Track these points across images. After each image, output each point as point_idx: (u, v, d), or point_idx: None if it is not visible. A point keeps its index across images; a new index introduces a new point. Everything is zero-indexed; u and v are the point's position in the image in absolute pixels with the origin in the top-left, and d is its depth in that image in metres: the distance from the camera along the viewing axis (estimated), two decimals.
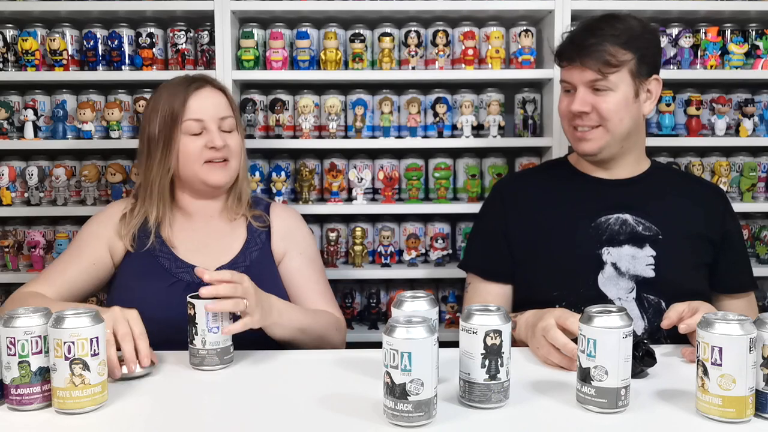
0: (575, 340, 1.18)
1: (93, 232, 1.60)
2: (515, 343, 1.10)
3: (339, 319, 1.61)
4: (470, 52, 2.25)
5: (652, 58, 1.56)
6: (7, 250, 2.24)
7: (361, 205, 2.24)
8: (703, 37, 2.29)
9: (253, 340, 1.38)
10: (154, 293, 1.50)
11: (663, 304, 1.48)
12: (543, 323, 1.28)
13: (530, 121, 2.32)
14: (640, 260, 1.52)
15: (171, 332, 1.32)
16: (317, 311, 1.56)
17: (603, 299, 1.52)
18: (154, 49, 2.24)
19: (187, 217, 1.63)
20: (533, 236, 1.59)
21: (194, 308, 1.25)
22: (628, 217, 1.56)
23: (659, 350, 1.47)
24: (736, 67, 2.26)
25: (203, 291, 1.25)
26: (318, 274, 1.66)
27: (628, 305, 1.52)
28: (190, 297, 1.26)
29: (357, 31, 2.28)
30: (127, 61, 2.25)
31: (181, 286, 1.50)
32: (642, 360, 1.20)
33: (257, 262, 1.59)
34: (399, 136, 2.32)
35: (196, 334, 1.25)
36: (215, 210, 1.64)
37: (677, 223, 1.56)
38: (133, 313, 1.27)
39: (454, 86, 2.36)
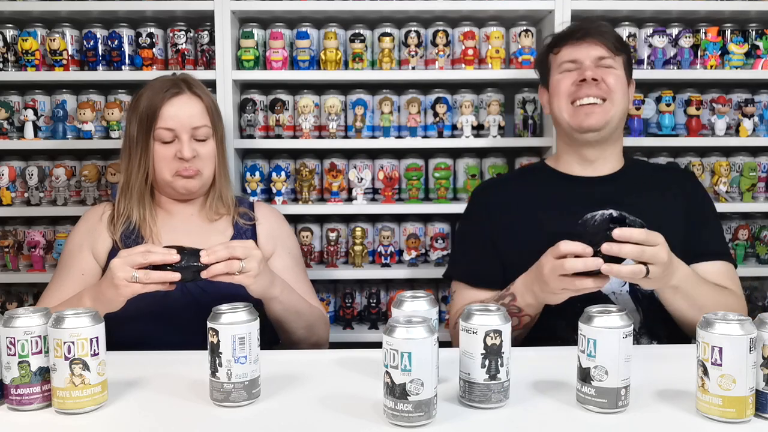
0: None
1: (76, 244, 1.62)
2: (515, 342, 1.10)
3: (325, 314, 1.67)
4: (470, 52, 2.25)
5: (631, 65, 1.69)
6: (7, 250, 2.24)
7: (361, 205, 2.24)
8: (703, 37, 2.29)
9: None
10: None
11: (656, 293, 1.47)
12: (547, 267, 1.30)
13: (530, 121, 2.32)
14: None
15: (161, 331, 1.31)
16: (308, 301, 1.60)
17: (597, 294, 1.52)
18: (154, 49, 2.24)
19: (170, 216, 1.65)
20: (523, 237, 1.58)
21: (218, 335, 1.06)
22: (613, 212, 1.57)
23: (656, 350, 1.47)
24: (736, 67, 2.26)
25: (204, 258, 1.25)
26: (303, 273, 1.72)
27: (623, 298, 1.53)
28: (212, 322, 1.07)
29: (357, 31, 2.28)
30: (127, 61, 2.25)
31: None
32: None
33: None
34: (399, 136, 2.32)
35: (220, 365, 1.06)
36: (195, 210, 1.66)
37: (657, 213, 1.57)
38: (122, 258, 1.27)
39: (454, 86, 2.36)
